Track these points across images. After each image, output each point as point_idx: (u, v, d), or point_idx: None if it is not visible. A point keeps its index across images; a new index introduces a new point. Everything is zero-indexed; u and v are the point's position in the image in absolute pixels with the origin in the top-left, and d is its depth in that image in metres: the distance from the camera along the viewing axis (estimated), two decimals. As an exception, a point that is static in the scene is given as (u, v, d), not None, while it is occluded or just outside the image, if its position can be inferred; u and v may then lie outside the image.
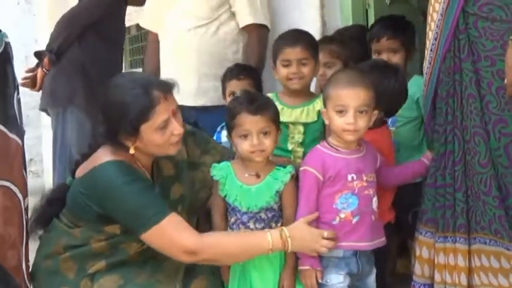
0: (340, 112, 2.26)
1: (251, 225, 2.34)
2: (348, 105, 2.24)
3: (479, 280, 2.38)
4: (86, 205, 2.24)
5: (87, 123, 3.61)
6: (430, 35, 2.48)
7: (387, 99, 2.46)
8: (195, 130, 2.65)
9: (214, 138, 2.96)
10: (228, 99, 2.95)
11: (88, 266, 2.28)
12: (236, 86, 2.95)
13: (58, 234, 2.34)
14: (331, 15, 3.73)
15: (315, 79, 2.96)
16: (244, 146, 2.31)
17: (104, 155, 2.26)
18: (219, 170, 2.39)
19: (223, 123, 2.87)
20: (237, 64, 3.17)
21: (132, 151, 2.24)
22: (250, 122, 2.29)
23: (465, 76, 2.38)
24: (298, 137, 2.63)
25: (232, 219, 2.37)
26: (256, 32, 3.39)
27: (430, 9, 2.49)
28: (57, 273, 2.30)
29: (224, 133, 2.90)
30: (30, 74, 3.89)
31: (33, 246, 2.38)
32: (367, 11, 3.82)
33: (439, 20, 2.43)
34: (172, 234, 2.16)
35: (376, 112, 2.33)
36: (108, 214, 2.22)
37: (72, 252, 2.29)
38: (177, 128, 2.24)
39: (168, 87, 2.26)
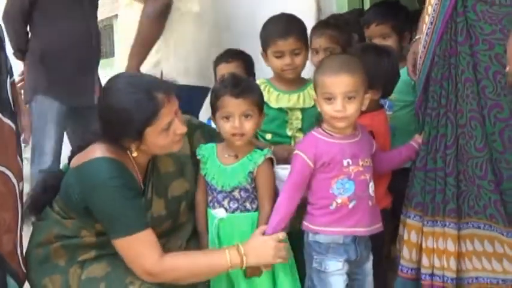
0: (329, 99, 2.25)
1: (225, 203, 2.38)
2: (335, 92, 2.24)
3: (471, 264, 2.39)
4: (74, 197, 2.24)
5: (54, 106, 3.76)
6: (427, 19, 2.47)
7: (380, 81, 2.46)
8: (202, 123, 2.68)
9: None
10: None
11: (78, 255, 2.29)
12: (225, 69, 2.95)
13: (50, 223, 2.34)
14: (327, 1, 3.72)
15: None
16: (225, 128, 2.36)
17: (99, 150, 2.24)
18: (203, 150, 2.45)
19: None
20: (227, 49, 3.18)
21: (135, 154, 2.25)
22: (232, 104, 2.34)
23: (462, 60, 2.37)
24: (297, 123, 2.65)
25: (210, 198, 2.43)
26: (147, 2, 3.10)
27: None
28: (48, 262, 2.31)
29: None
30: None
31: (26, 232, 2.37)
32: (363, -4, 3.82)
33: (436, 4, 2.41)
34: (138, 250, 2.17)
35: (368, 96, 2.32)
36: (91, 210, 2.22)
37: (63, 242, 2.30)
38: (179, 127, 2.25)
39: (170, 88, 2.24)
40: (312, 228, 2.32)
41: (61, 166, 2.56)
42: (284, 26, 2.67)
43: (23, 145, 2.57)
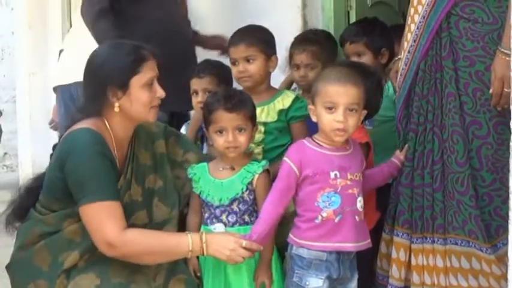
0: (330, 109, 2.23)
1: (224, 218, 2.36)
2: (338, 102, 2.21)
3: (448, 281, 2.39)
4: (54, 175, 2.24)
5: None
6: (409, 36, 2.49)
7: (368, 101, 2.44)
8: (180, 133, 2.69)
9: None
10: (193, 97, 2.92)
11: (62, 258, 2.24)
12: (198, 84, 2.90)
13: (32, 224, 2.31)
14: (313, 16, 3.73)
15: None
16: (219, 142, 2.36)
17: (83, 123, 2.26)
18: (194, 169, 2.44)
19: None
20: (204, 61, 3.09)
21: (116, 109, 2.25)
22: (225, 119, 2.34)
23: (445, 74, 2.39)
24: (258, 137, 2.59)
25: (206, 214, 2.41)
26: None
27: (412, 11, 2.49)
28: (31, 265, 2.27)
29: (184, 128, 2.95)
30: None
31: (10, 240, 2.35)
32: (348, 12, 3.83)
33: (420, 22, 2.44)
34: (103, 218, 2.15)
35: (364, 112, 2.31)
36: (65, 179, 2.20)
37: (46, 240, 2.27)
38: (159, 90, 2.30)
39: (153, 51, 2.33)
40: (297, 242, 2.28)
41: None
42: (237, 34, 2.70)
43: (3, 152, 2.53)
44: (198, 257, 2.40)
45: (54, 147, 2.41)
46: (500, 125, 2.33)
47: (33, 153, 5.50)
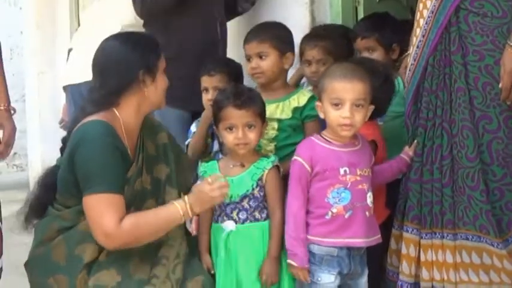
0: (336, 105, 2.24)
1: (234, 215, 2.37)
2: (344, 98, 2.22)
3: (459, 277, 2.38)
4: (66, 170, 2.25)
5: (177, 114, 3.31)
6: (418, 31, 2.48)
7: (376, 98, 2.42)
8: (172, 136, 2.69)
9: None
10: (203, 95, 2.92)
11: (78, 251, 2.25)
12: (207, 82, 2.90)
13: (50, 220, 2.32)
14: (321, 11, 3.72)
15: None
16: (229, 139, 2.37)
17: (94, 116, 2.27)
18: (204, 167, 2.46)
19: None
20: (213, 59, 3.08)
21: (147, 94, 2.30)
22: (235, 115, 2.35)
23: (455, 69, 2.38)
24: (272, 133, 2.60)
25: (217, 212, 2.41)
26: None
27: (420, 6, 2.49)
28: (49, 261, 2.28)
29: (193, 125, 2.93)
30: None
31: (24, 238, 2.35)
32: (356, 8, 3.81)
33: (429, 17, 2.43)
34: (101, 210, 2.16)
35: (372, 107, 2.31)
36: (74, 170, 2.22)
37: (64, 234, 2.28)
38: (166, 80, 2.40)
39: None
40: (307, 238, 2.28)
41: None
42: (252, 30, 2.72)
43: (12, 152, 2.55)
44: (210, 254, 2.41)
45: (63, 140, 2.42)
46: (511, 119, 2.33)
47: (42, 152, 5.51)
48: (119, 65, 2.29)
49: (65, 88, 3.99)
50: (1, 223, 2.42)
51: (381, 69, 2.60)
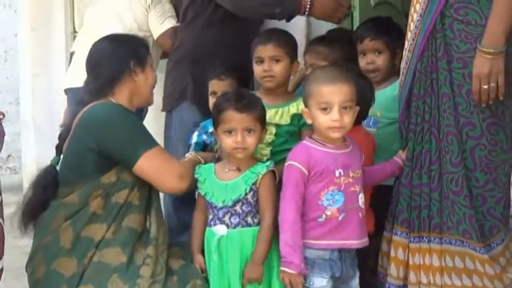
0: (325, 109, 2.25)
1: (226, 219, 2.36)
2: (332, 101, 2.24)
3: (443, 281, 2.40)
4: (83, 150, 2.32)
5: (197, 116, 3.15)
6: (409, 35, 2.52)
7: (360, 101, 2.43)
8: None
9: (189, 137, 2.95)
10: (210, 98, 2.93)
11: (83, 232, 2.30)
12: (217, 86, 2.91)
13: (56, 209, 2.36)
14: (316, 18, 3.72)
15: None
16: (228, 142, 2.36)
17: (97, 102, 2.41)
18: (201, 170, 2.45)
19: (200, 123, 2.93)
20: (224, 62, 3.03)
21: (137, 83, 2.47)
22: (235, 119, 2.34)
23: (440, 75, 2.41)
24: (269, 138, 2.60)
25: (210, 216, 2.42)
26: None
27: (412, 10, 2.52)
28: (56, 246, 2.31)
29: (195, 134, 2.90)
30: None
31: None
32: (352, 13, 3.82)
33: (418, 21, 2.47)
34: (165, 160, 2.37)
35: (357, 108, 2.32)
36: (103, 149, 2.31)
37: (72, 219, 2.33)
38: (155, 75, 2.60)
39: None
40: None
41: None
42: (267, 33, 2.76)
43: (6, 155, 2.55)
44: (204, 255, 2.42)
45: (60, 136, 2.49)
46: (494, 126, 2.36)
47: (36, 155, 5.49)
48: (111, 57, 2.47)
49: (67, 91, 3.98)
50: (3, 222, 2.41)
51: (358, 71, 2.65)
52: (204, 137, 2.88)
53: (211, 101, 2.89)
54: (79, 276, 2.27)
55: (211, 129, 2.82)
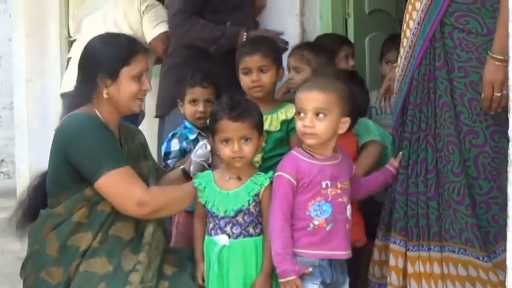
0: (299, 115, 2.28)
1: (228, 229, 2.34)
2: (306, 108, 2.27)
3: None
4: (57, 161, 2.30)
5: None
6: (405, 42, 2.51)
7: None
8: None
9: (164, 146, 2.92)
10: (187, 105, 2.91)
11: (69, 242, 2.28)
12: (199, 94, 2.89)
13: (44, 219, 2.35)
14: (311, 23, 3.75)
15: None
16: (225, 152, 2.34)
17: (75, 111, 2.37)
18: (199, 178, 2.41)
19: (174, 131, 2.92)
20: (201, 70, 3.02)
21: (105, 95, 2.35)
22: (231, 128, 2.32)
23: (440, 84, 2.40)
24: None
25: (211, 225, 2.39)
26: None
27: (407, 16, 2.51)
28: (43, 255, 2.31)
29: (175, 141, 2.89)
30: None
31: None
32: (346, 20, 3.84)
33: (415, 29, 2.46)
34: (125, 184, 2.26)
35: (345, 120, 2.32)
36: (72, 161, 2.27)
37: (57, 229, 2.31)
38: (146, 84, 2.42)
39: (144, 47, 2.51)
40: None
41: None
42: (250, 44, 2.75)
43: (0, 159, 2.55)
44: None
45: None
46: (497, 134, 2.36)
47: (30, 160, 5.47)
48: (85, 63, 2.42)
49: (63, 95, 3.99)
50: None
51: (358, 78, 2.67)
52: (184, 144, 2.87)
53: (192, 109, 2.89)
54: (63, 285, 2.26)
55: (192, 137, 2.88)
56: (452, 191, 2.37)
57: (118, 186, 2.25)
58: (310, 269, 2.26)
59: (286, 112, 2.63)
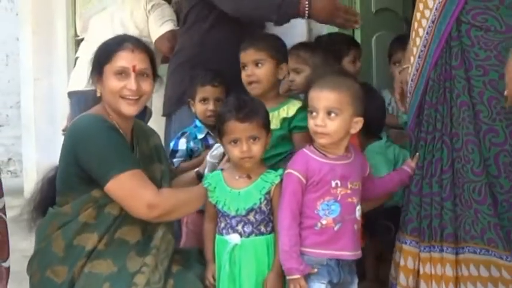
0: (311, 113, 2.28)
1: (239, 228, 2.34)
2: (317, 107, 2.27)
3: None
4: (67, 162, 2.30)
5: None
6: (418, 41, 2.48)
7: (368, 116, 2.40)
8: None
9: (173, 143, 2.93)
10: (198, 104, 2.92)
11: (76, 241, 2.28)
12: (209, 92, 2.90)
13: (51, 218, 2.35)
14: (318, 23, 3.72)
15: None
16: (234, 152, 2.34)
17: (88, 111, 2.39)
18: (209, 179, 2.42)
19: (184, 130, 2.92)
20: (212, 69, 3.00)
21: (98, 94, 2.39)
22: (238, 129, 2.32)
23: (457, 83, 2.38)
24: None
25: (222, 224, 2.39)
26: None
27: (418, 15, 2.48)
28: (49, 253, 2.31)
29: (182, 141, 2.89)
30: None
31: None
32: (352, 18, 3.82)
33: (429, 27, 2.43)
34: (136, 186, 2.25)
35: (358, 119, 2.31)
36: (81, 164, 2.26)
37: (63, 228, 2.31)
38: (131, 84, 2.34)
39: (141, 44, 2.43)
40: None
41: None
42: (248, 39, 2.70)
43: (7, 158, 2.56)
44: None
45: None
46: None
47: (37, 158, 5.50)
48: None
49: (70, 94, 4.00)
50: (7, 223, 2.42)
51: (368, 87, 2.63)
52: (192, 144, 2.88)
53: (202, 107, 2.89)
54: (68, 284, 2.26)
55: (200, 136, 2.88)
56: (473, 190, 2.34)
57: (127, 189, 2.24)
58: (316, 270, 2.25)
59: (288, 109, 2.59)
